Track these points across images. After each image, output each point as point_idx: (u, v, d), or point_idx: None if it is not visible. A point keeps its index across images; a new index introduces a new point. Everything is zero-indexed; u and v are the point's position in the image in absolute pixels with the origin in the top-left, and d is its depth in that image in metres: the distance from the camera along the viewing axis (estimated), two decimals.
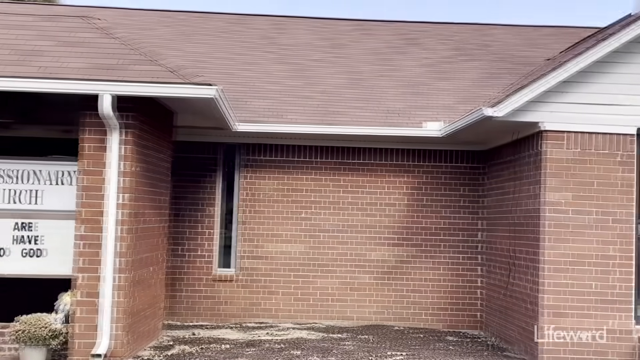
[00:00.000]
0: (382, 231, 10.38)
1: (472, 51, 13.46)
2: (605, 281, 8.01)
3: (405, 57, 12.91)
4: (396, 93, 11.24)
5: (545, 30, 15.04)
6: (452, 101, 10.90)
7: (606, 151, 8.13)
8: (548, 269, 8.01)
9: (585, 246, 8.04)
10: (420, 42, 13.84)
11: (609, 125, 8.11)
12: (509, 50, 13.55)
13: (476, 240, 10.37)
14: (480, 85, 11.58)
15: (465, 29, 14.91)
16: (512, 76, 11.81)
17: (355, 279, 10.35)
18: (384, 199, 10.41)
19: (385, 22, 15.11)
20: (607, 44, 7.85)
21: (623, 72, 8.08)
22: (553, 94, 8.04)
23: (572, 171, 8.11)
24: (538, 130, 8.19)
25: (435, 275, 10.34)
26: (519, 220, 8.77)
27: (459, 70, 12.35)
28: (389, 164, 10.45)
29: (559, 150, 8.12)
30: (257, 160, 10.44)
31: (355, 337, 9.23)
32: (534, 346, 8.06)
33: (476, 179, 10.44)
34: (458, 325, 10.27)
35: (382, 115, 10.32)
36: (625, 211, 8.08)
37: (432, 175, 10.43)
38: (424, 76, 11.99)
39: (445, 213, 10.40)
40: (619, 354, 7.94)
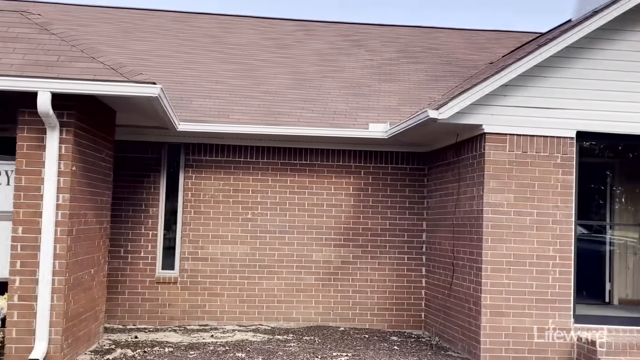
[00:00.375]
0: (327, 232, 10.38)
1: (417, 54, 13.60)
2: (545, 281, 8.19)
3: (350, 59, 12.95)
4: (341, 94, 11.26)
5: (489, 34, 15.33)
6: (397, 103, 10.98)
7: (546, 153, 8.31)
8: (489, 269, 8.14)
9: (525, 246, 8.21)
10: (365, 43, 13.91)
11: (548, 128, 8.29)
12: (453, 54, 13.75)
13: (420, 241, 10.47)
14: (425, 88, 11.71)
15: (411, 32, 15.06)
16: (456, 79, 11.98)
17: (300, 280, 10.31)
18: (329, 200, 10.41)
19: (329, 23, 15.13)
20: (546, 49, 8.03)
21: (562, 76, 8.28)
22: (495, 97, 8.18)
23: (513, 173, 8.26)
24: (480, 132, 8.33)
25: (380, 276, 10.40)
26: (461, 221, 8.90)
27: (403, 72, 12.45)
28: (334, 165, 10.45)
29: (500, 153, 8.26)
30: (201, 161, 10.30)
31: (300, 339, 9.20)
32: (476, 345, 8.18)
33: (420, 180, 10.55)
34: (402, 325, 10.35)
35: (328, 117, 10.32)
36: (564, 212, 8.28)
37: (376, 177, 10.48)
38: (368, 78, 12.05)
39: (390, 214, 10.46)
40: (558, 352, 8.13)
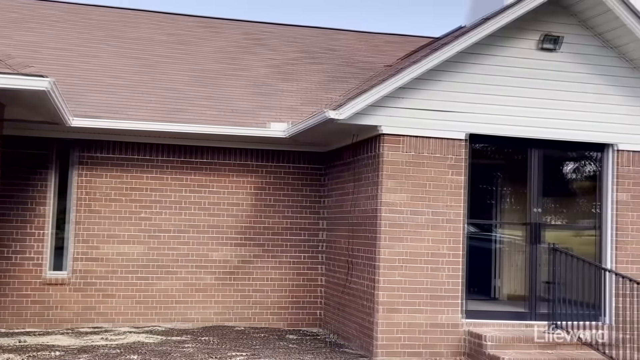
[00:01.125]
0: (226, 231, 10.29)
1: (318, 54, 13.72)
2: (436, 278, 8.46)
3: (251, 57, 12.90)
4: (242, 93, 11.20)
5: (387, 37, 15.65)
6: (297, 103, 11.04)
7: (440, 155, 8.59)
8: (384, 267, 8.32)
9: (419, 245, 8.44)
10: (267, 43, 13.90)
11: (442, 130, 8.57)
12: (353, 56, 13.95)
13: (318, 240, 10.57)
14: (325, 88, 11.83)
15: (312, 33, 15.17)
16: (356, 80, 12.17)
17: (198, 280, 10.17)
18: (228, 198, 10.33)
19: (232, 21, 15.01)
20: (440, 54, 8.29)
21: (455, 80, 8.58)
22: (391, 99, 8.37)
23: (409, 173, 8.48)
24: (377, 133, 8.49)
25: (278, 275, 10.41)
26: (358, 220, 9.05)
27: (304, 73, 12.53)
28: (233, 164, 10.38)
29: (396, 153, 8.46)
30: (95, 158, 9.96)
31: (197, 339, 9.07)
32: (371, 342, 8.35)
33: (318, 179, 10.65)
34: (299, 324, 10.41)
35: (228, 115, 10.23)
36: (456, 211, 8.58)
37: (276, 176, 10.49)
38: (270, 77, 12.05)
39: (289, 213, 10.50)
40: (448, 347, 8.41)
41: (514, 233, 10.12)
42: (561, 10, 8.87)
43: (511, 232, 10.15)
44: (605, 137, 9.02)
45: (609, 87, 9.00)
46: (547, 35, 8.76)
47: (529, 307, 8.83)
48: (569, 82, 8.89)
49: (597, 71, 8.98)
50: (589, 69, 8.95)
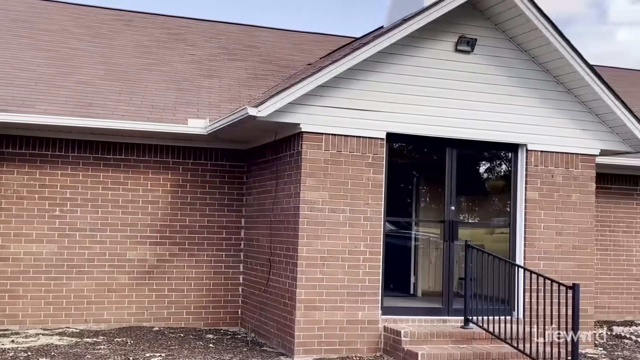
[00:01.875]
0: (143, 229, 10.04)
1: (238, 51, 13.59)
2: (355, 275, 8.53)
3: (170, 52, 12.65)
4: (160, 88, 10.96)
5: (308, 36, 15.70)
6: (218, 99, 10.90)
7: (359, 153, 8.66)
8: (304, 264, 8.33)
9: (339, 242, 8.50)
10: (186, 38, 13.67)
11: (361, 129, 8.64)
12: (275, 53, 13.91)
13: (238, 238, 10.47)
14: (246, 85, 11.73)
15: (233, 29, 15.03)
16: (276, 78, 12.13)
17: (112, 279, 9.88)
18: (146, 196, 10.09)
19: (150, 15, 14.68)
20: (360, 53, 8.36)
21: (374, 80, 8.68)
22: (312, 97, 8.37)
23: (329, 171, 8.52)
24: (298, 131, 8.49)
25: (197, 274, 10.25)
26: (279, 218, 9.02)
27: (224, 69, 12.39)
28: (151, 161, 10.14)
29: (316, 151, 8.48)
30: (2, 154, 9.52)
31: (111, 341, 8.81)
32: (290, 340, 8.34)
33: (239, 177, 10.55)
34: (219, 323, 10.28)
35: (145, 110, 9.99)
36: (374, 209, 8.68)
37: (195, 173, 10.32)
38: (189, 73, 11.85)
39: (208, 211, 10.35)
40: (366, 343, 8.50)
41: (431, 230, 10.34)
42: (477, 14, 9.12)
43: (428, 229, 10.37)
44: (517, 138, 9.34)
45: (521, 89, 9.32)
46: (462, 37, 8.98)
47: (445, 303, 9.04)
48: (484, 83, 9.15)
49: (510, 73, 9.28)
50: (503, 71, 9.24)
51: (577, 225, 9.56)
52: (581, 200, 9.61)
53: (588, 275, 9.58)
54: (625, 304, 12.12)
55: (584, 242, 9.59)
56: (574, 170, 9.60)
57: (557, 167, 9.52)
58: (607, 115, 9.49)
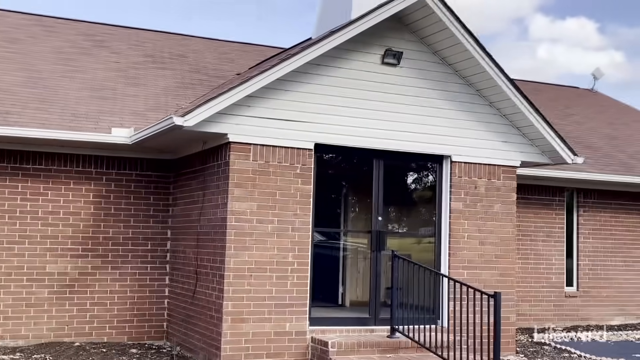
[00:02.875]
0: (64, 242, 9.70)
1: (165, 59, 13.38)
2: (283, 286, 8.49)
3: (92, 60, 12.32)
4: (82, 96, 10.65)
5: (237, 46, 15.62)
6: (143, 108, 10.67)
7: (287, 164, 8.65)
8: (231, 276, 8.23)
9: (266, 253, 8.44)
10: (110, 45, 13.35)
11: (290, 140, 8.64)
12: (203, 62, 13.76)
13: (164, 250, 10.26)
14: (172, 95, 11.54)
15: (160, 37, 14.80)
16: (205, 87, 11.99)
17: (31, 294, 9.50)
18: (67, 207, 9.76)
19: (72, 21, 14.28)
20: (288, 64, 8.36)
21: (302, 90, 8.69)
22: (240, 107, 8.31)
23: (257, 182, 8.46)
24: (225, 141, 8.40)
25: (120, 287, 9.97)
26: (206, 229, 8.89)
27: (151, 78, 12.16)
28: (73, 171, 9.83)
29: (244, 162, 8.41)
30: None
31: (29, 357, 8.47)
32: (216, 353, 8.21)
33: (165, 187, 10.35)
34: (143, 337, 10.02)
35: (67, 119, 9.68)
36: (303, 220, 8.67)
37: (119, 184, 10.06)
38: (113, 80, 11.56)
39: (133, 222, 10.10)
40: (294, 355, 8.46)
41: (359, 241, 10.40)
42: (403, 28, 9.27)
43: (357, 239, 10.42)
44: (442, 149, 9.53)
45: (446, 102, 9.53)
46: (389, 50, 9.11)
47: (372, 313, 9.10)
48: (410, 96, 9.30)
49: (436, 86, 9.47)
50: (428, 84, 9.43)
51: (499, 235, 9.82)
52: (503, 211, 9.88)
53: (510, 283, 9.85)
54: (546, 311, 12.52)
55: (505, 251, 9.86)
56: (496, 181, 9.87)
57: (480, 178, 9.76)
58: (527, 128, 9.81)
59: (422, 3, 8.80)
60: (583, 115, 16.56)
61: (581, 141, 13.69)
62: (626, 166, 13.12)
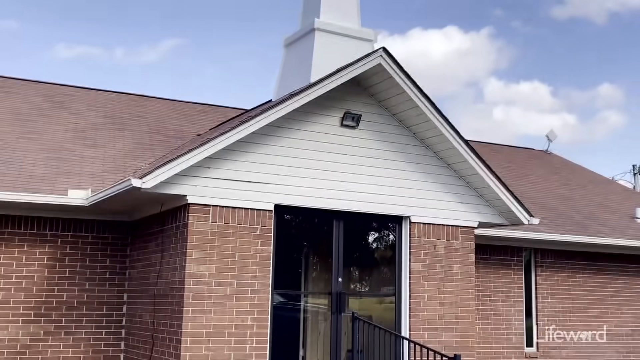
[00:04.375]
0: (16, 307, 9.40)
1: (125, 120, 13.35)
2: (242, 351, 8.32)
3: (51, 121, 12.23)
4: (39, 158, 10.51)
5: (199, 107, 15.69)
6: (101, 170, 10.58)
7: (247, 225, 8.60)
8: (189, 341, 8.05)
9: (225, 317, 8.29)
10: (69, 106, 13.29)
11: (249, 201, 8.62)
12: (163, 123, 13.77)
13: (120, 314, 10.00)
14: (131, 155, 11.48)
15: (120, 98, 14.79)
16: (165, 148, 11.96)
17: None
18: (20, 271, 9.49)
19: (31, 82, 14.20)
20: (248, 126, 8.42)
21: (262, 152, 8.74)
22: (199, 169, 8.30)
23: (216, 244, 8.38)
24: (184, 203, 8.34)
25: (74, 353, 9.64)
26: (163, 292, 8.72)
27: (110, 139, 12.10)
28: (27, 234, 9.61)
29: (203, 223, 8.35)
30: None
31: None
32: None
33: (122, 250, 10.17)
34: None
35: (22, 180, 9.52)
36: (262, 282, 8.58)
37: (75, 246, 9.85)
38: (71, 142, 11.47)
39: (88, 286, 9.85)
40: None
41: (320, 302, 10.30)
42: (361, 91, 9.46)
43: (318, 301, 10.33)
44: (401, 210, 9.61)
45: (405, 164, 9.66)
46: (348, 113, 9.26)
47: None
48: (369, 157, 9.42)
49: (394, 148, 9.62)
50: (387, 146, 9.57)
51: (459, 296, 9.85)
52: (462, 271, 9.94)
53: (470, 344, 9.82)
54: None
55: (465, 312, 9.87)
56: (455, 242, 9.96)
57: (439, 239, 9.84)
58: (484, 190, 9.98)
59: (379, 68, 9.02)
60: (538, 175, 16.94)
61: (537, 202, 13.96)
62: (581, 226, 13.38)
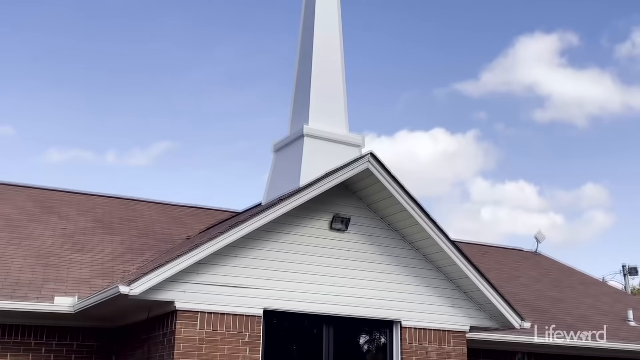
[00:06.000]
0: None
1: (114, 224, 13.35)
2: None
3: (39, 226, 12.21)
4: (27, 263, 10.43)
5: (188, 210, 15.74)
6: (89, 275, 10.48)
7: (235, 331, 8.45)
8: None
9: None
10: (59, 210, 13.32)
11: (238, 307, 8.50)
12: (152, 226, 13.77)
13: None
14: (120, 260, 11.41)
15: (109, 202, 14.85)
16: (154, 252, 11.92)
17: None
18: None
19: (21, 187, 14.28)
20: (237, 230, 8.43)
21: (251, 256, 8.71)
22: (188, 274, 8.23)
23: (203, 351, 8.20)
24: (172, 309, 8.22)
25: None
26: None
27: (98, 243, 12.06)
28: (11, 342, 9.39)
29: (191, 330, 8.20)
30: None
31: None
32: None
33: (107, 357, 9.90)
34: None
35: (8, 287, 9.40)
36: None
37: (59, 355, 9.60)
38: (59, 247, 11.41)
39: None
40: None
41: None
42: (350, 194, 9.57)
43: None
44: (391, 314, 9.49)
45: (395, 267, 9.63)
46: (337, 216, 9.32)
47: None
48: (359, 261, 9.40)
49: (383, 251, 9.62)
50: (377, 249, 9.58)
51: None
52: None
53: None
54: None
55: None
56: (447, 347, 9.79)
57: (430, 343, 9.67)
58: (474, 293, 9.91)
59: (367, 172, 9.17)
60: (529, 277, 16.89)
61: (528, 304, 13.85)
62: (573, 329, 13.21)
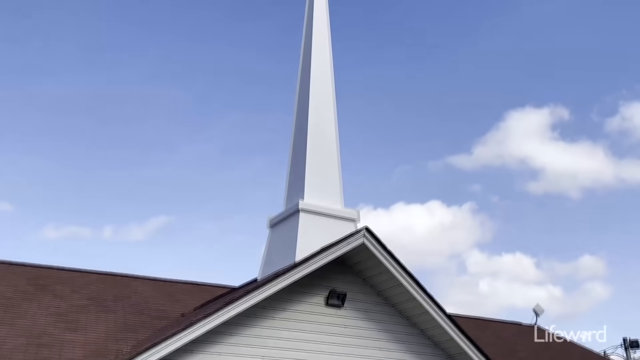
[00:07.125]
0: None
1: (108, 302, 13.17)
2: None
3: (35, 305, 12.04)
4: (19, 344, 10.23)
5: (182, 286, 15.54)
6: (81, 355, 10.27)
7: None
8: None
9: None
10: (53, 289, 13.15)
11: None
12: (147, 303, 13.58)
13: None
14: (113, 338, 11.21)
15: (104, 279, 14.68)
16: (148, 330, 11.71)
17: None
18: None
19: (16, 266, 14.15)
20: (232, 307, 8.38)
21: (247, 333, 8.64)
22: (182, 353, 8.12)
23: None
24: None
25: None
26: None
27: (92, 321, 11.86)
28: None
29: None
30: None
31: None
32: None
33: None
34: None
35: None
36: None
37: None
38: (52, 326, 11.22)
39: None
40: None
41: None
42: (346, 269, 9.53)
43: None
44: None
45: (391, 343, 9.52)
46: (333, 291, 9.25)
47: None
48: (355, 337, 9.30)
49: (381, 327, 9.52)
50: (373, 325, 9.47)
51: None
52: None
53: None
54: None
55: None
56: None
57: None
58: None
59: (362, 247, 9.17)
60: (529, 351, 16.58)
61: None
62: None
